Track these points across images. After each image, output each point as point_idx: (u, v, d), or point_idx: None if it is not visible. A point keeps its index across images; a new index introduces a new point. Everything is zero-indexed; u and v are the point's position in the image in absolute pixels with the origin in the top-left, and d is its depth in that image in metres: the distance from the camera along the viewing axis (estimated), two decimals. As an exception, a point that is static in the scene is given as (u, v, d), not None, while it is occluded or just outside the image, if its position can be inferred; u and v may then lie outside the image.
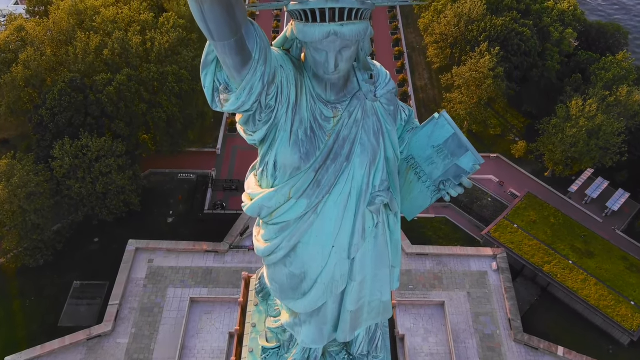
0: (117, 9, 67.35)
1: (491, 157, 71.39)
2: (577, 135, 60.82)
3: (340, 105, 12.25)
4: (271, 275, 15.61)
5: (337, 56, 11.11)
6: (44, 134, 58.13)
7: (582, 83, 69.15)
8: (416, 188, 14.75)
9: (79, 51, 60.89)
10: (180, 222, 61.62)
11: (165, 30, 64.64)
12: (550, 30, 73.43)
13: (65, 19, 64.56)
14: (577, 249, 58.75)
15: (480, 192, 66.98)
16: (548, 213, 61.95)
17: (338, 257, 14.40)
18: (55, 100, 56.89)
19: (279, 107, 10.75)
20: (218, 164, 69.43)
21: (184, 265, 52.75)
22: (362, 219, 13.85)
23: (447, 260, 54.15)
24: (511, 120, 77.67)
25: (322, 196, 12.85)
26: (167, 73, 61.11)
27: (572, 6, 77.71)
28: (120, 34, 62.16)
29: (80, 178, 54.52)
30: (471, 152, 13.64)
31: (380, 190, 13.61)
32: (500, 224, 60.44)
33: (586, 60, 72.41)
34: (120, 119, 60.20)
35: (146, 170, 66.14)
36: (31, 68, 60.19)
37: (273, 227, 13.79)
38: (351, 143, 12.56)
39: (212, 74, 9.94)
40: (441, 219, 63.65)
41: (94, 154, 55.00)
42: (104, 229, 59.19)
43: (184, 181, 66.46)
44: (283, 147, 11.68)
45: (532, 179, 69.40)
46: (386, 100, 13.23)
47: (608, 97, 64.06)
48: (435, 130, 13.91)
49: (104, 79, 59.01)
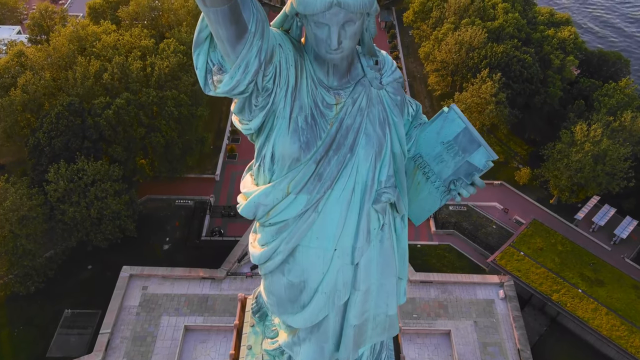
0: (117, 35, 67.42)
1: (495, 184, 70.37)
2: (582, 161, 59.80)
3: (344, 92, 11.16)
4: (268, 286, 14.18)
5: (340, 31, 10.05)
6: (40, 157, 57.15)
7: (586, 109, 68.62)
8: (424, 189, 13.46)
9: (78, 75, 60.51)
10: (177, 249, 60.00)
11: (166, 55, 64.45)
12: (551, 58, 73.38)
13: (66, 45, 64.49)
14: (586, 278, 56.89)
15: (485, 219, 65.56)
16: (555, 240, 60.32)
17: (341, 262, 13.01)
18: (52, 124, 56.14)
19: (277, 90, 9.77)
20: (217, 190, 68.24)
21: (179, 292, 50.89)
22: (366, 219, 12.52)
23: (453, 288, 52.28)
24: (514, 148, 76.85)
25: (323, 191, 11.57)
26: (166, 97, 60.59)
27: (572, 34, 77.85)
28: (121, 59, 61.95)
29: (74, 202, 53.21)
30: (484, 148, 12.39)
31: (386, 186, 12.31)
32: (506, 251, 58.75)
33: (588, 87, 72.08)
34: (118, 143, 59.35)
35: (143, 196, 64.93)
36: (29, 92, 59.69)
37: (270, 228, 12.39)
38: (355, 132, 11.39)
39: (205, 54, 9.05)
40: (445, 246, 62.03)
41: (90, 177, 53.87)
42: (98, 255, 57.51)
43: (181, 207, 65.14)
44: (281, 135, 10.62)
45: (537, 206, 68.07)
46: (392, 89, 12.11)
47: (612, 122, 63.33)
48: (444, 125, 12.73)
49: (102, 103, 58.43)
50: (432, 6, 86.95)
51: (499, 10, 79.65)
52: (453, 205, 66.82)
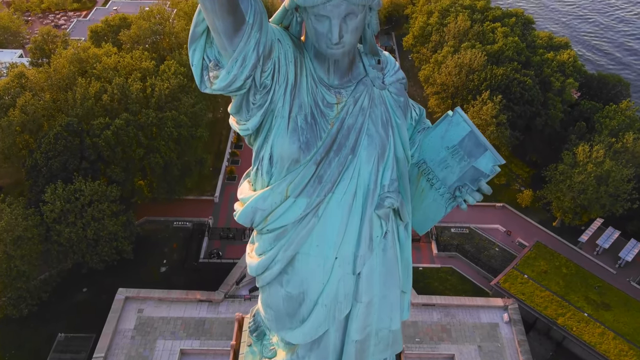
0: (118, 57, 67.60)
1: (497, 206, 69.79)
2: (585, 182, 59.26)
3: (345, 91, 10.68)
4: (265, 299, 13.43)
5: (341, 24, 9.62)
6: (37, 178, 56.61)
7: (587, 131, 68.39)
8: (429, 196, 12.82)
9: (77, 96, 60.41)
10: (174, 271, 58.97)
11: (166, 77, 64.50)
12: (552, 81, 73.54)
13: (66, 66, 64.59)
14: (592, 301, 55.70)
15: (487, 242, 64.70)
16: (559, 263, 59.32)
17: (342, 271, 12.29)
18: (50, 144, 55.75)
19: (275, 87, 9.37)
20: (215, 211, 67.54)
21: (176, 315, 49.69)
22: (369, 225, 11.86)
23: (456, 312, 51.07)
24: (515, 170, 76.44)
25: (323, 194, 10.96)
26: (166, 118, 60.35)
27: (571, 57, 78.20)
28: (121, 80, 61.96)
29: (71, 223, 52.44)
30: (490, 152, 11.82)
31: (389, 190, 11.66)
32: (510, 274, 57.70)
33: (589, 109, 72.03)
34: (116, 164, 58.89)
35: (141, 217, 64.18)
36: (28, 113, 59.47)
37: (268, 236, 11.74)
38: (357, 133, 10.86)
39: (202, 50, 8.75)
40: (447, 269, 61.01)
41: (87, 198, 53.23)
42: (94, 277, 56.44)
43: (179, 229, 64.32)
44: (280, 135, 10.13)
45: (540, 229, 67.24)
46: (395, 90, 11.60)
47: (615, 144, 62.99)
48: (449, 128, 12.16)
49: (101, 123, 58.16)
50: (431, 30, 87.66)
51: (498, 34, 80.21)
52: (455, 227, 66.08)
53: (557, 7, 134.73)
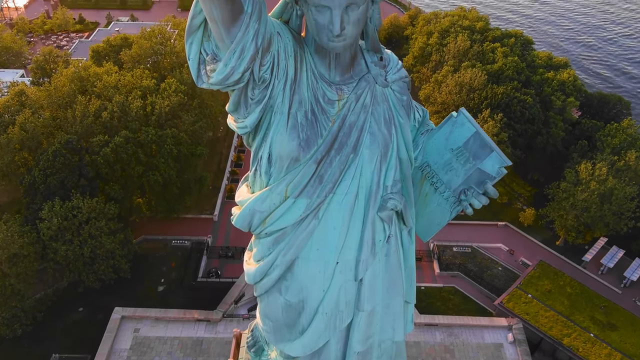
0: (119, 76, 67.68)
1: (499, 225, 69.19)
2: (588, 200, 58.71)
3: (346, 87, 10.33)
4: (264, 309, 12.89)
5: (342, 15, 9.24)
6: (35, 196, 56.10)
7: (589, 150, 68.10)
8: (433, 201, 12.31)
9: (77, 114, 60.26)
10: (172, 291, 57.97)
11: (167, 94, 64.47)
12: (552, 99, 73.62)
13: (67, 84, 64.61)
14: (597, 321, 54.62)
15: (490, 261, 63.84)
16: (563, 282, 58.35)
17: (343, 277, 11.75)
18: (48, 161, 55.36)
19: (275, 82, 9.06)
20: (215, 230, 66.87)
21: (173, 335, 48.68)
22: (371, 229, 11.37)
23: (459, 332, 49.99)
24: (517, 189, 75.98)
25: (324, 195, 10.49)
26: (166, 135, 60.08)
27: (571, 77, 78.37)
28: (121, 98, 61.90)
29: (67, 240, 51.73)
30: (496, 153, 11.37)
31: (392, 192, 11.18)
32: (514, 293, 56.70)
33: (591, 128, 71.94)
34: (115, 182, 58.44)
35: (139, 236, 63.42)
36: (27, 130, 59.23)
37: (266, 240, 11.24)
38: (359, 131, 10.46)
39: (199, 43, 8.50)
40: (450, 288, 60.04)
41: (85, 215, 52.63)
42: (90, 297, 55.43)
43: (177, 248, 63.54)
44: (279, 132, 9.75)
45: (543, 248, 66.47)
46: (398, 88, 11.26)
47: (617, 162, 62.62)
48: (454, 130, 11.73)
49: (100, 141, 57.87)
50: (431, 51, 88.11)
51: (498, 54, 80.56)
52: (457, 246, 65.29)
53: (555, 32, 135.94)
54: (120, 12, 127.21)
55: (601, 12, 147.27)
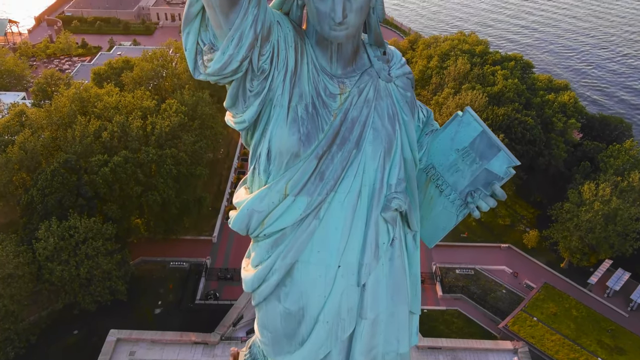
0: (120, 97, 67.70)
1: (502, 247, 68.34)
2: (593, 220, 57.95)
3: (349, 81, 9.94)
4: (262, 319, 12.28)
5: (345, 2, 8.80)
6: (32, 216, 55.44)
7: (592, 171, 67.62)
8: (438, 204, 11.79)
9: (77, 134, 60.01)
10: (169, 313, 56.83)
11: (167, 115, 64.37)
12: (554, 121, 73.55)
13: (67, 105, 64.55)
14: (605, 345, 53.31)
15: (494, 284, 62.77)
16: (569, 305, 57.22)
17: (345, 282, 11.15)
18: (47, 181, 54.89)
19: (274, 73, 8.73)
20: (213, 252, 66.02)
21: (169, 358, 47.52)
22: (374, 230, 10.82)
23: (463, 355, 48.73)
24: (520, 211, 75.34)
25: (325, 193, 9.98)
26: (165, 155, 59.71)
27: (572, 99, 78.49)
28: (121, 118, 61.76)
29: (63, 260, 50.85)
30: (504, 152, 10.92)
31: (396, 191, 10.64)
32: (518, 316, 55.54)
33: (593, 149, 71.62)
34: (113, 202, 57.82)
35: (137, 257, 62.52)
36: (26, 150, 58.87)
37: (265, 242, 10.70)
38: (362, 126, 10.03)
39: (196, 33, 8.24)
40: (453, 311, 58.82)
41: (82, 235, 51.85)
42: (85, 319, 54.26)
43: (175, 270, 62.55)
44: (279, 126, 9.36)
45: (547, 270, 65.43)
46: (402, 84, 10.83)
47: (620, 182, 62.06)
48: (459, 129, 11.30)
49: (99, 160, 57.46)
50: (431, 74, 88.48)
51: (498, 77, 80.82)
52: (460, 268, 64.27)
53: (554, 56, 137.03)
54: (123, 37, 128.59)
55: (603, 34, 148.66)
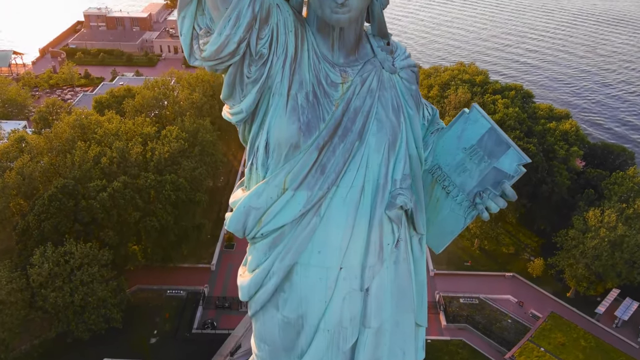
0: (120, 124, 67.58)
1: (507, 276, 67.17)
2: (599, 247, 56.90)
3: (351, 70, 9.44)
4: (259, 331, 11.45)
5: None
6: (27, 242, 54.51)
7: (596, 198, 66.86)
8: (445, 207, 11.10)
9: (76, 159, 59.59)
10: (165, 342, 55.33)
11: (167, 141, 64.11)
12: (556, 149, 73.26)
13: (67, 131, 64.37)
14: (616, 377, 51.53)
15: (499, 313, 61.30)
16: (577, 335, 55.67)
17: (347, 286, 10.38)
18: (44, 206, 54.23)
19: (273, 58, 8.39)
20: (211, 280, 64.77)
21: (164, 389, 45.66)
22: (379, 229, 10.11)
23: (469, 387, 46.92)
24: (524, 240, 74.40)
25: (327, 187, 9.35)
26: (165, 181, 59.12)
27: (573, 127, 78.40)
28: (121, 144, 61.47)
29: (58, 287, 49.73)
30: (514, 149, 10.34)
31: (401, 187, 9.96)
32: (525, 346, 53.95)
33: (596, 177, 71.12)
34: (111, 227, 56.94)
35: (133, 284, 61.27)
36: (24, 175, 58.31)
37: (262, 243, 10.03)
38: (365, 117, 9.47)
39: (192, 17, 8.03)
40: (458, 342, 57.26)
41: (77, 261, 50.90)
42: (78, 348, 52.67)
43: (172, 298, 61.25)
44: (278, 116, 8.90)
45: (553, 299, 64.02)
46: (407, 76, 10.31)
47: (626, 209, 61.21)
48: (466, 127, 10.75)
49: (98, 185, 56.85)
50: (432, 102, 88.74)
51: (499, 106, 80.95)
52: (464, 297, 62.91)
53: (555, 86, 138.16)
54: (126, 68, 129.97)
55: (602, 70, 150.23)
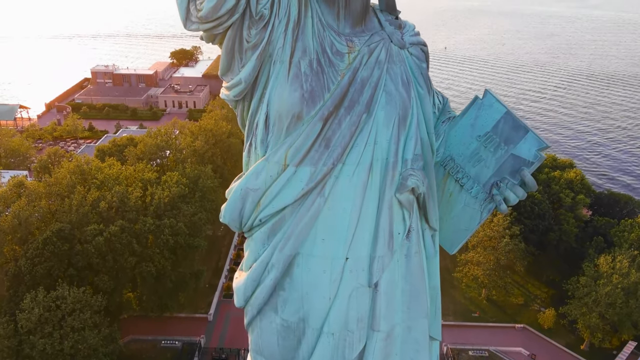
0: (121, 170, 67.15)
1: (517, 327, 64.62)
2: (612, 294, 54.89)
3: (357, 40, 8.76)
4: (256, 342, 10.11)
5: None
6: (19, 287, 52.62)
7: (605, 246, 65.36)
8: (459, 201, 10.08)
9: (74, 202, 58.65)
10: (158, 396, 52.21)
11: (167, 185, 63.42)
12: (561, 197, 72.56)
13: (67, 177, 63.80)
14: None
15: (511, 367, 58.32)
16: (594, 389, 52.48)
17: (354, 281, 9.23)
18: (37, 249, 52.72)
19: (274, 21, 7.89)
20: (208, 330, 62.26)
21: None
22: (388, 215, 9.08)
23: None
24: (533, 290, 72.28)
25: (332, 163, 8.49)
26: (163, 225, 57.88)
27: (578, 176, 77.97)
28: (121, 188, 60.73)
29: (47, 333, 47.41)
30: (532, 133, 9.49)
31: (413, 167, 9.01)
32: (540, 401, 50.69)
33: (604, 225, 70.07)
34: (106, 272, 55.15)
35: (127, 334, 58.79)
36: (20, 219, 57.13)
37: (260, 232, 9.09)
38: (373, 88, 8.70)
39: None
40: (468, 396, 54.07)
41: (69, 306, 48.81)
42: (65, 401, 49.55)
43: (167, 349, 58.69)
44: (279, 85, 8.23)
45: (566, 352, 61.36)
46: (417, 53, 9.56)
47: (638, 256, 59.56)
48: (480, 114, 9.97)
49: (94, 230, 55.57)
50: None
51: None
52: (473, 350, 60.15)
53: (556, 138, 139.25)
54: (130, 122, 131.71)
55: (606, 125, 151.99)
